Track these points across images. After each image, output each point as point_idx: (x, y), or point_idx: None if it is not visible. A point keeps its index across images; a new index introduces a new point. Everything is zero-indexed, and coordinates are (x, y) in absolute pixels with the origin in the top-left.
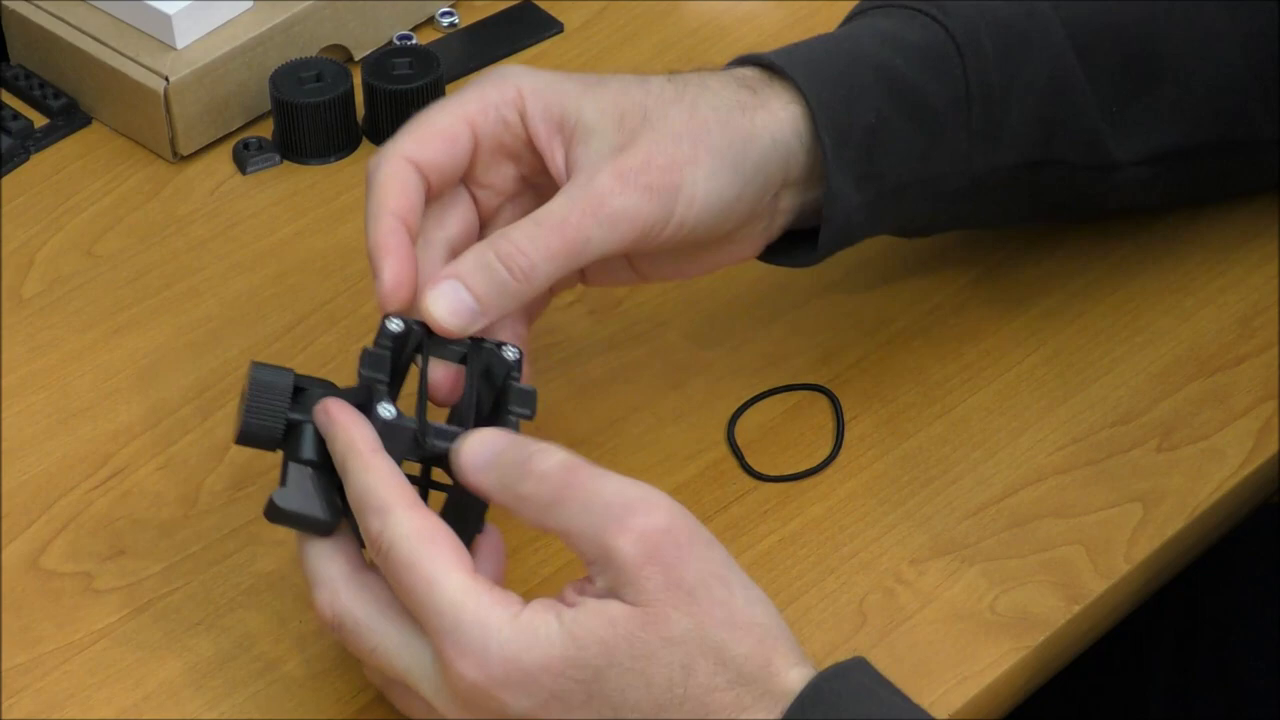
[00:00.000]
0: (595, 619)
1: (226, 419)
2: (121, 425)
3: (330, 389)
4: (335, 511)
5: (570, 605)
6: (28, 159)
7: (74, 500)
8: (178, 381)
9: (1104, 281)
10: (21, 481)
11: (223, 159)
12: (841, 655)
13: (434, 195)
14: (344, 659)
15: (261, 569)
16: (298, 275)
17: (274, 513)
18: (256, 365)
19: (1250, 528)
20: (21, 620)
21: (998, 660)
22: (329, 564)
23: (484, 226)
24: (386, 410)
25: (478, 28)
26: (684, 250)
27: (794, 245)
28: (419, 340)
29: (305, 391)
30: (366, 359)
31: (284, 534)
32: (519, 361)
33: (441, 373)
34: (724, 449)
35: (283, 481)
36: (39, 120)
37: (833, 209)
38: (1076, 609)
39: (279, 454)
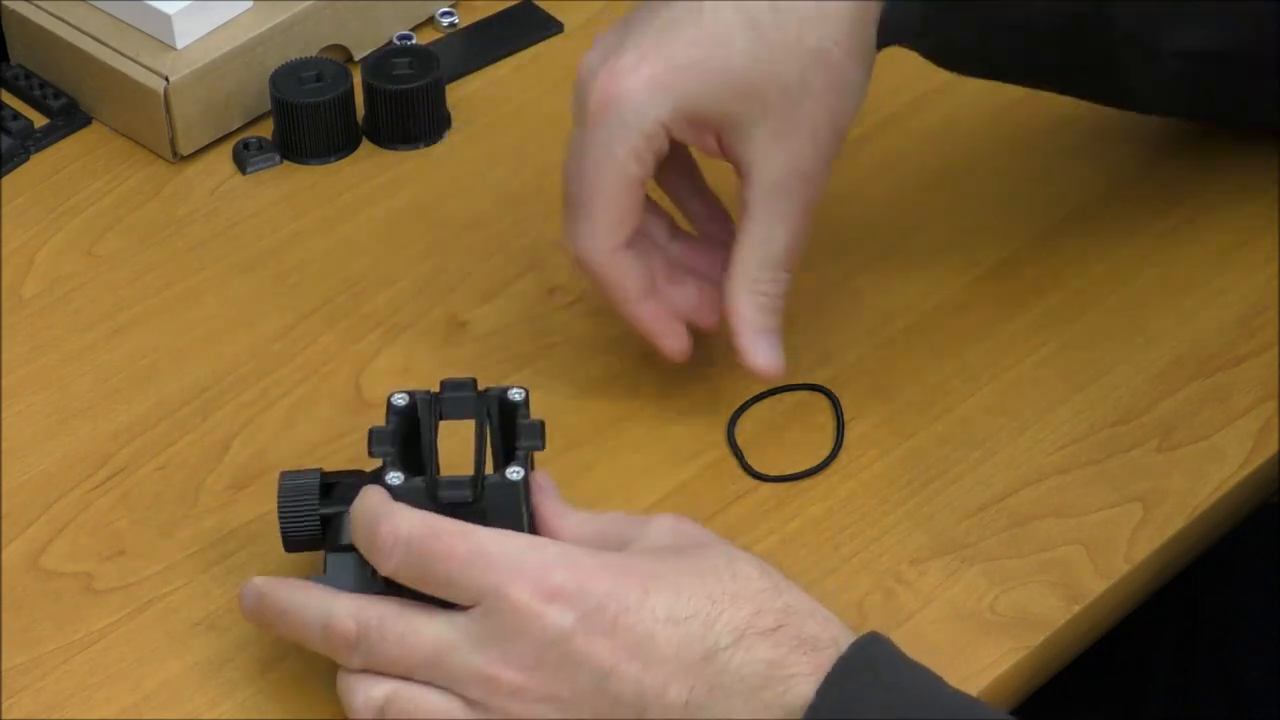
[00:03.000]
0: (639, 550)
1: (226, 419)
2: (121, 425)
3: (360, 477)
4: (379, 588)
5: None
6: (28, 159)
7: (74, 500)
8: (178, 381)
9: (1104, 281)
10: (21, 481)
11: (223, 159)
12: None
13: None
14: None
15: (262, 569)
16: (298, 275)
17: None
18: (284, 474)
19: (1250, 528)
20: (21, 620)
21: (998, 660)
22: (336, 594)
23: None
24: (394, 478)
25: (478, 28)
26: None
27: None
28: (429, 405)
29: (336, 485)
30: (374, 437)
31: None
32: (525, 401)
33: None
34: (724, 449)
35: (324, 570)
36: (39, 120)
37: (891, 8)
38: (1076, 609)
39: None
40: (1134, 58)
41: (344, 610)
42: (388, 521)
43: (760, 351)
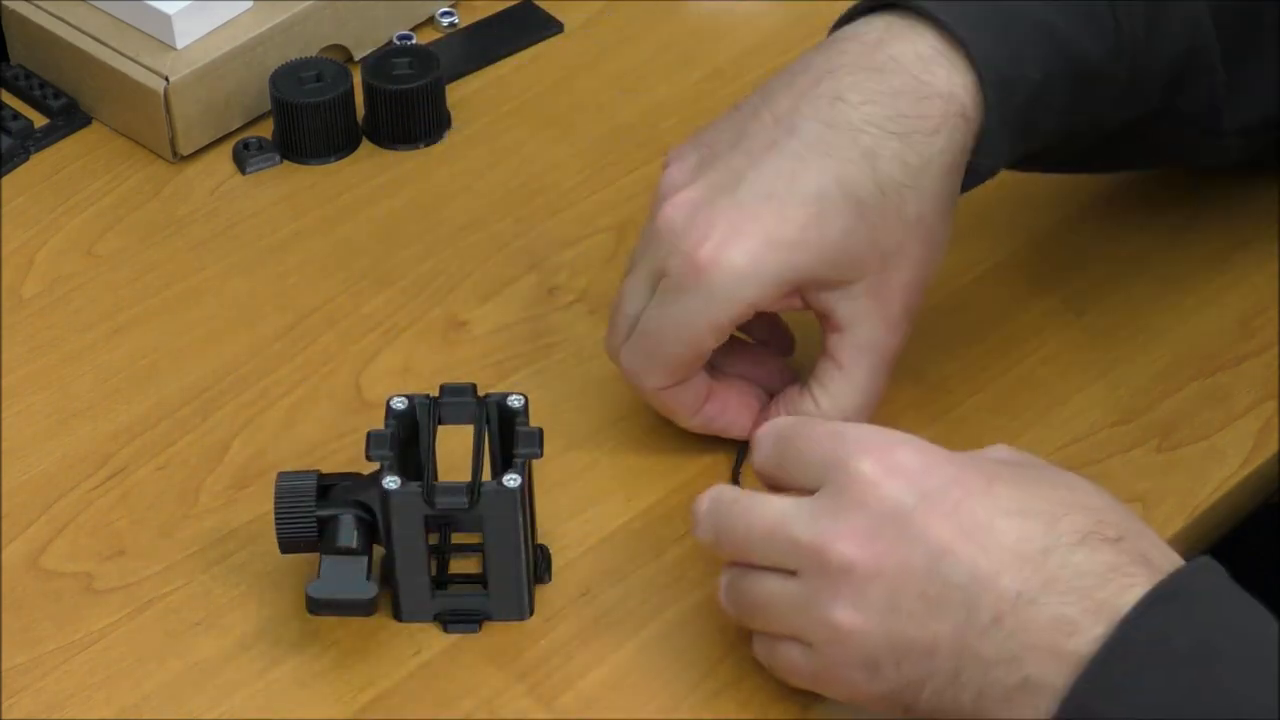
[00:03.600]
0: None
1: (226, 419)
2: (121, 425)
3: (356, 480)
4: (374, 589)
5: None
6: (28, 159)
7: (74, 500)
8: (178, 381)
9: (1104, 281)
10: (21, 481)
11: (223, 159)
12: None
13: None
14: (344, 659)
15: (261, 569)
16: (298, 275)
17: (311, 604)
18: (281, 475)
19: (1250, 528)
20: (21, 620)
21: None
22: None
23: None
24: (391, 482)
25: (478, 28)
26: None
27: None
28: (428, 409)
29: (333, 487)
30: (372, 440)
31: None
32: (524, 408)
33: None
34: (724, 449)
35: (319, 574)
36: (39, 120)
37: (984, 163)
38: None
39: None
40: (1199, 139)
41: (705, 494)
42: (763, 423)
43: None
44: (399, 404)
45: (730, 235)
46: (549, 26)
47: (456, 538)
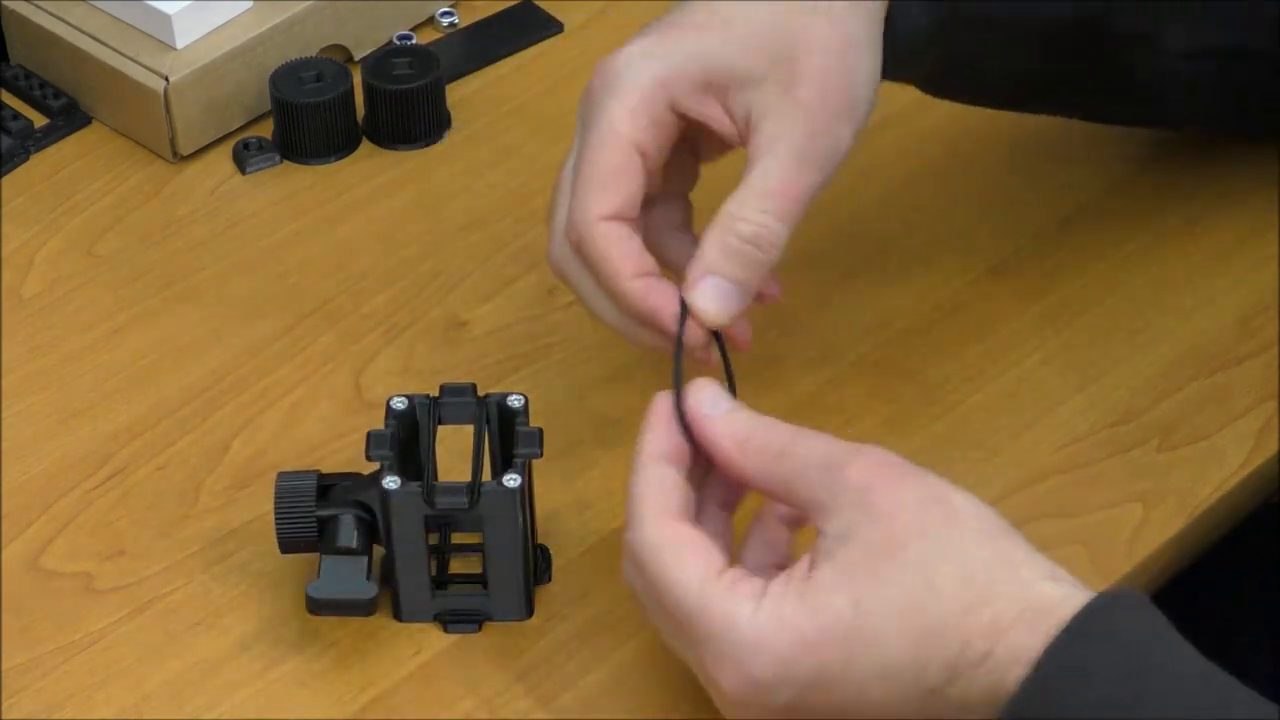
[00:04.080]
0: (833, 575)
1: (226, 419)
2: (121, 425)
3: (356, 480)
4: (374, 589)
5: (803, 577)
6: (28, 159)
7: (74, 500)
8: (178, 381)
9: (1104, 281)
10: (21, 481)
11: (223, 159)
12: None
13: (639, 227)
14: (344, 659)
15: (261, 569)
16: (298, 275)
17: (311, 604)
18: (281, 475)
19: (1250, 528)
20: (21, 620)
21: None
22: (638, 520)
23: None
24: (391, 482)
25: (478, 28)
26: None
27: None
28: (428, 409)
29: (333, 487)
30: (372, 440)
31: None
32: (524, 407)
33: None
34: None
35: (319, 574)
36: (39, 120)
37: (898, 23)
38: None
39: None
40: (1141, 62)
41: (630, 545)
42: (630, 531)
43: (702, 290)
44: (399, 404)
45: (634, 40)
46: (549, 26)
47: (456, 538)
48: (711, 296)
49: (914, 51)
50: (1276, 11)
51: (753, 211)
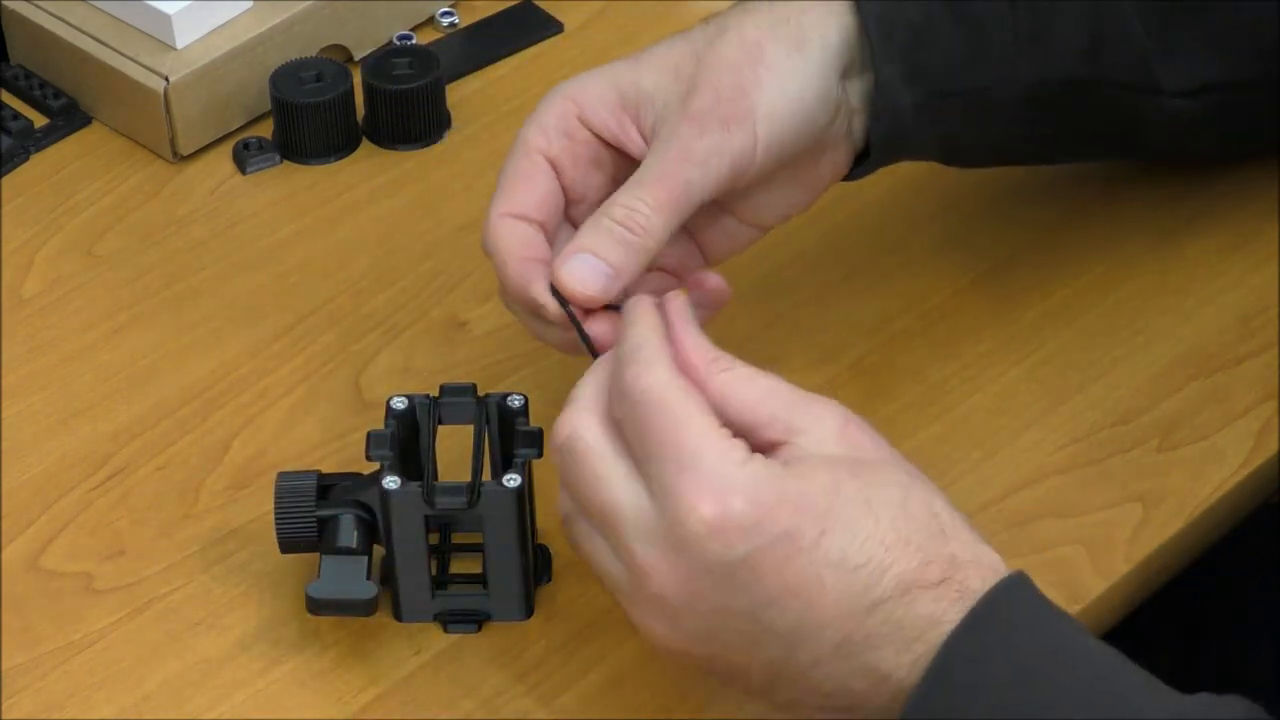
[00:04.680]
0: (819, 461)
1: (226, 419)
2: (121, 425)
3: (357, 480)
4: (374, 589)
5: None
6: (28, 159)
7: (74, 500)
8: (178, 381)
9: (1104, 281)
10: (21, 481)
11: (223, 159)
12: None
13: (551, 235)
14: (344, 659)
15: (261, 569)
16: (298, 275)
17: (311, 604)
18: (281, 475)
19: (1250, 528)
20: (21, 620)
21: None
22: (588, 388)
23: None
24: (391, 481)
25: (478, 28)
26: (782, 177)
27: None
28: (428, 409)
29: (333, 487)
30: (372, 440)
31: None
32: (524, 407)
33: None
34: None
35: (319, 574)
36: (39, 120)
37: (883, 101)
38: (1076, 609)
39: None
40: (1140, 108)
41: (568, 415)
42: (631, 369)
43: (568, 265)
44: (399, 404)
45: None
46: (549, 26)
47: (456, 538)
48: (576, 270)
49: (906, 129)
50: (1271, 41)
51: (628, 198)
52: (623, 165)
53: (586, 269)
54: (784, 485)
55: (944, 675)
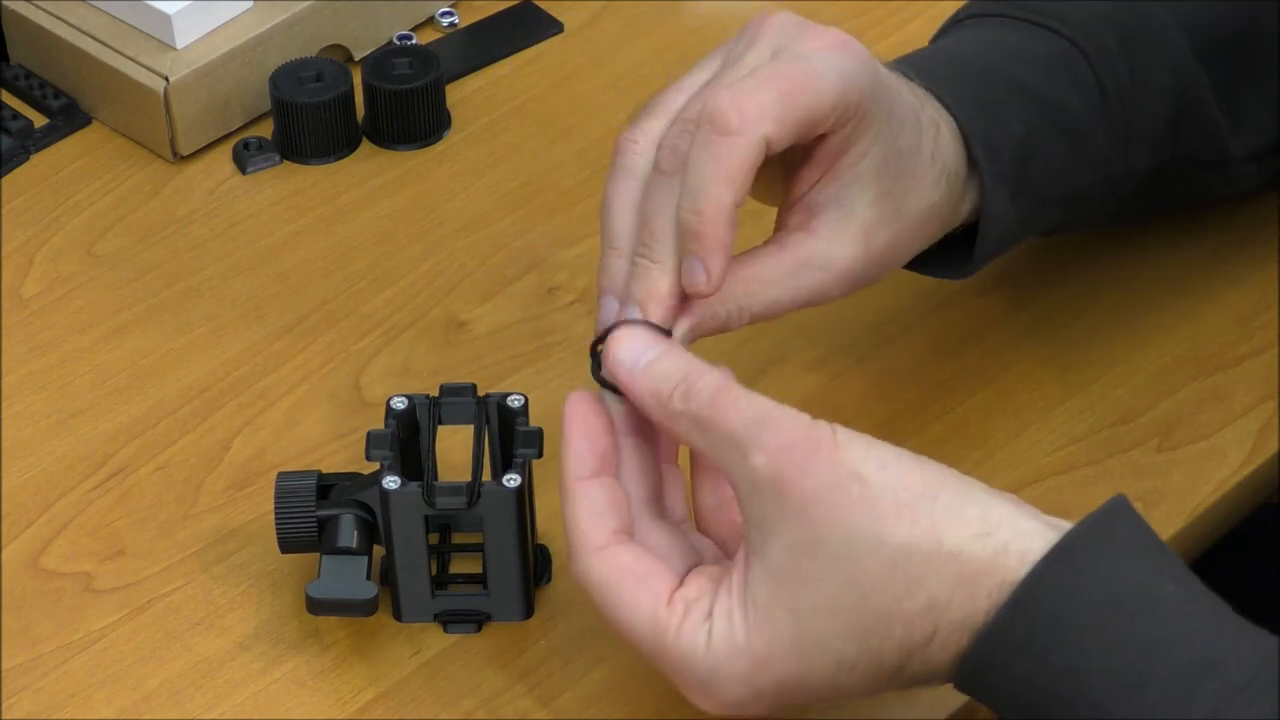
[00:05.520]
0: (765, 581)
1: (226, 419)
2: (121, 425)
3: (357, 480)
4: (374, 589)
5: (741, 585)
6: (28, 159)
7: (74, 500)
8: (178, 381)
9: (1104, 281)
10: (21, 481)
11: (223, 159)
12: None
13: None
14: (344, 659)
15: (261, 569)
16: (298, 275)
17: (311, 604)
18: (281, 475)
19: (1250, 528)
20: (21, 620)
21: None
22: (577, 523)
23: None
24: (391, 481)
25: (478, 28)
26: (886, 197)
27: (946, 255)
28: (428, 409)
29: (333, 487)
30: (372, 440)
31: None
32: (524, 407)
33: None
34: None
35: (319, 574)
36: (39, 120)
37: (989, 224)
38: None
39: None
40: (1211, 179)
41: (577, 577)
42: (574, 564)
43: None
44: (399, 404)
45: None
46: (549, 26)
47: (456, 538)
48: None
49: (1009, 237)
50: None
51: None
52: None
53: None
54: (752, 651)
55: (1028, 604)
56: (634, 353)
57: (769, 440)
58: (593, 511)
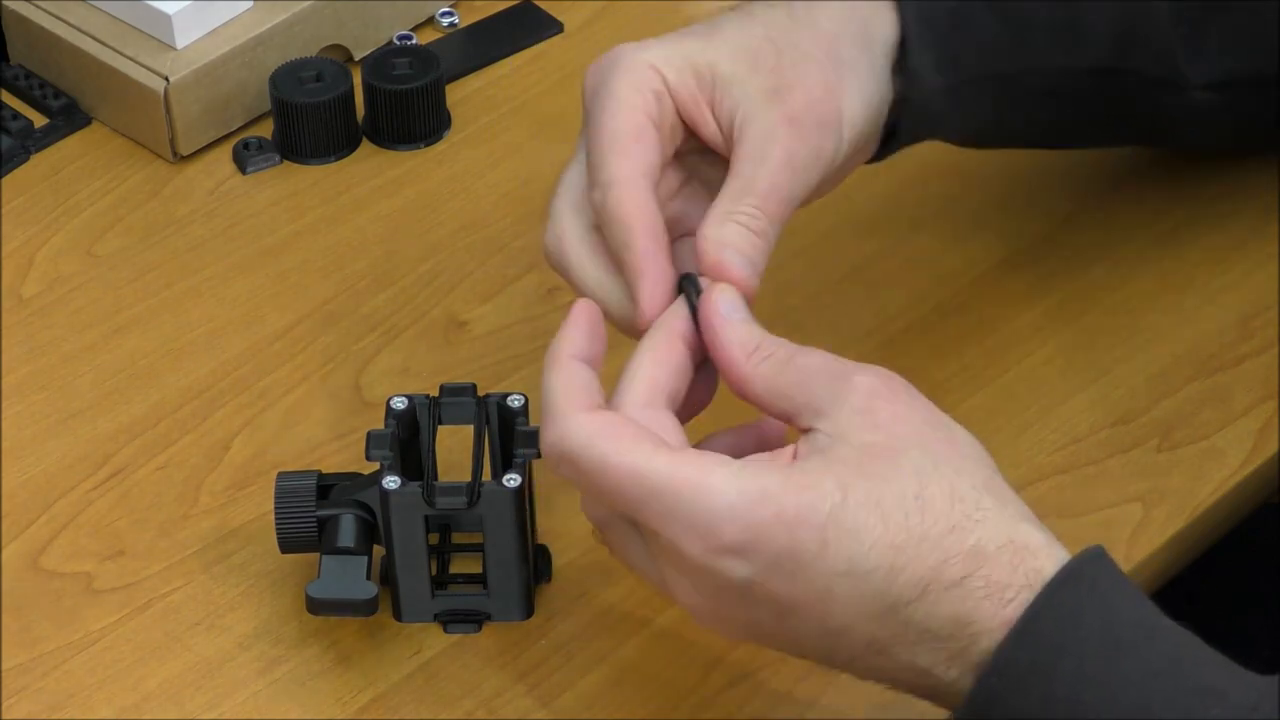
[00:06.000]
0: (823, 463)
1: (226, 419)
2: (121, 425)
3: (357, 479)
4: (374, 589)
5: (788, 461)
6: (28, 159)
7: (74, 500)
8: (178, 381)
9: (1104, 281)
10: (21, 481)
11: (223, 159)
12: None
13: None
14: (344, 659)
15: (261, 569)
16: (298, 275)
17: (311, 604)
18: (281, 475)
19: (1250, 528)
20: (21, 620)
21: None
22: (555, 394)
23: None
24: (391, 481)
25: (478, 28)
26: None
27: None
28: (428, 409)
29: (333, 487)
30: (372, 440)
31: None
32: (524, 408)
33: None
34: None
35: (319, 574)
36: (39, 120)
37: (911, 88)
38: None
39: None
40: (1163, 100)
41: (559, 442)
42: (553, 429)
43: (728, 259)
44: (399, 404)
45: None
46: (549, 26)
47: (456, 538)
48: (737, 261)
49: (934, 113)
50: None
51: (745, 208)
52: (689, 140)
53: (744, 260)
54: (781, 500)
55: (1031, 637)
56: (727, 306)
57: (871, 371)
58: (576, 384)
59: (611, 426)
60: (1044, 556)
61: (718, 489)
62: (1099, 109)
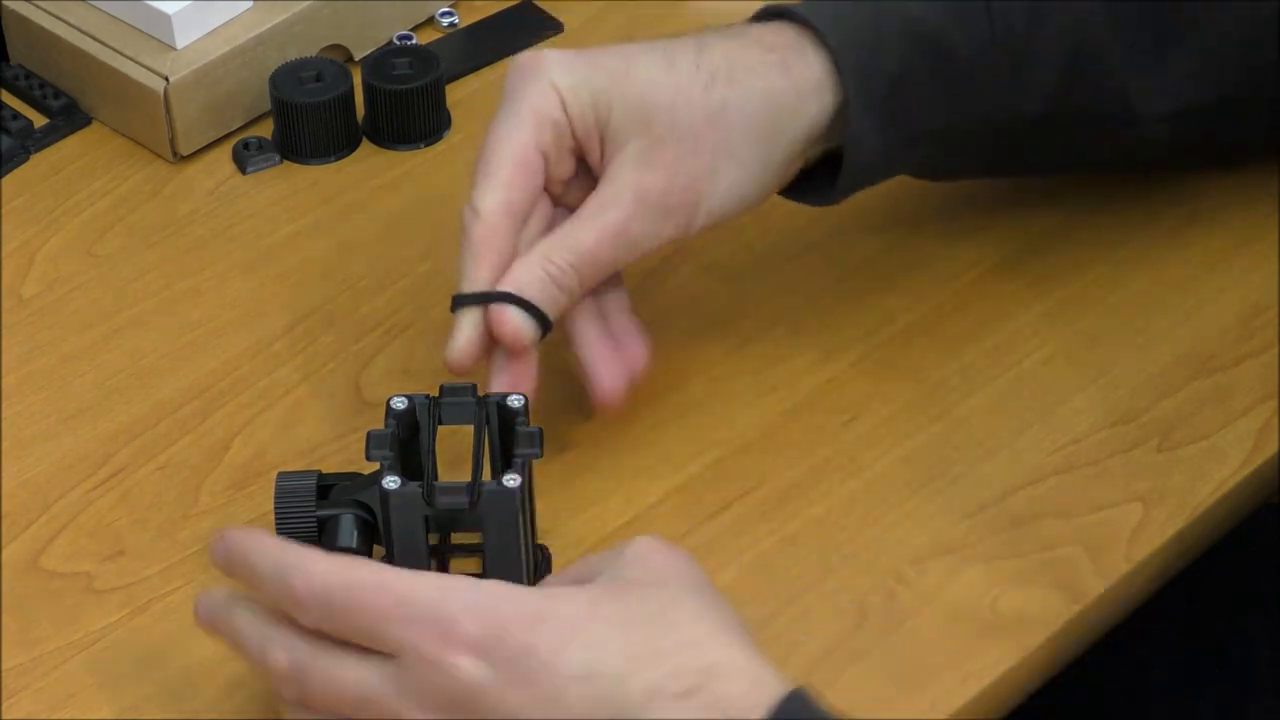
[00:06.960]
0: (584, 585)
1: (226, 419)
2: (121, 425)
3: (357, 479)
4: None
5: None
6: (28, 159)
7: (74, 500)
8: (178, 381)
9: (1104, 281)
10: (21, 481)
11: (223, 159)
12: (841, 656)
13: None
14: None
15: None
16: (298, 275)
17: None
18: (281, 475)
19: (1250, 528)
20: (21, 620)
21: (998, 660)
22: (274, 624)
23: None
24: (391, 481)
25: (478, 28)
26: None
27: (811, 182)
28: (428, 409)
29: (333, 487)
30: (372, 440)
31: None
32: (524, 408)
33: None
34: (724, 449)
35: None
36: (39, 120)
37: (854, 154)
38: (1076, 609)
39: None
40: (1118, 135)
41: (280, 644)
42: (301, 575)
43: (506, 313)
44: (399, 404)
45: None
46: (549, 26)
47: (456, 538)
48: (509, 320)
49: (878, 168)
50: (1250, 59)
51: (561, 259)
52: (579, 163)
53: (519, 319)
54: (526, 600)
55: None
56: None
57: (639, 540)
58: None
59: (355, 560)
60: (780, 688)
61: (461, 589)
62: (1050, 146)
